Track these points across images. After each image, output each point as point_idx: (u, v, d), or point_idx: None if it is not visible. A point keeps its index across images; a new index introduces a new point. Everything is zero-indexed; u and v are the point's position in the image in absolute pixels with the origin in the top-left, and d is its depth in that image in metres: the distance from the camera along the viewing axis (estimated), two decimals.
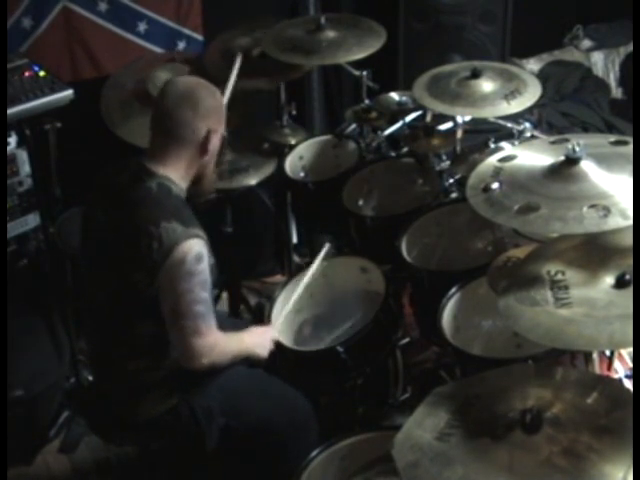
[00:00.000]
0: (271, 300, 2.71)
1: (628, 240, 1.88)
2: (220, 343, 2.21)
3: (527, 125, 2.91)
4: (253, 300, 3.53)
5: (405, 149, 3.20)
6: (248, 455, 2.41)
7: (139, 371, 2.24)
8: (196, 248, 2.12)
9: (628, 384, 2.20)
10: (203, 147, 2.23)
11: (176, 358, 2.22)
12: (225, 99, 2.75)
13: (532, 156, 2.14)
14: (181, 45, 3.74)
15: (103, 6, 3.52)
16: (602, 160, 2.00)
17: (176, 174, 2.23)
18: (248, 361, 2.36)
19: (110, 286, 2.23)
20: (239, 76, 3.08)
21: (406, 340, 2.75)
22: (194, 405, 2.27)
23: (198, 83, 2.30)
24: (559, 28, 4.90)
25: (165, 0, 3.65)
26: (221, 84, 3.21)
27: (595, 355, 2.16)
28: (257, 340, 2.38)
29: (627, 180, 1.93)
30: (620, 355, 2.40)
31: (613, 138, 2.15)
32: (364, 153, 3.18)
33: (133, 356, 2.24)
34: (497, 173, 2.10)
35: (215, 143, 2.26)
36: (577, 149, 1.99)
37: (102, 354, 2.37)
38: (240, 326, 2.57)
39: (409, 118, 3.25)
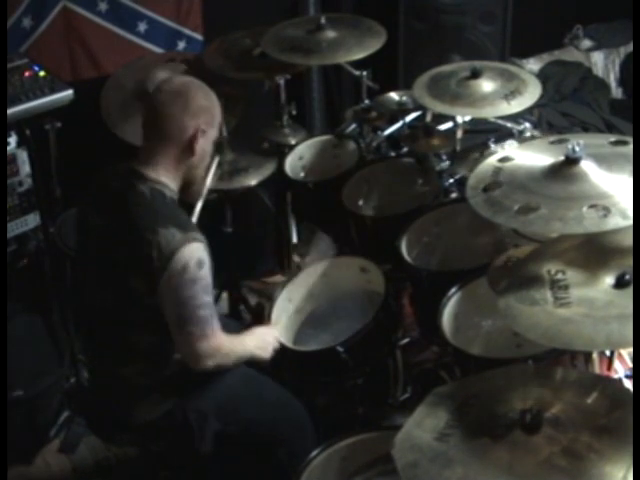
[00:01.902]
0: (271, 300, 2.71)
1: (628, 240, 1.88)
2: (225, 345, 2.21)
3: (527, 125, 2.91)
4: (253, 300, 3.53)
5: (405, 149, 3.20)
6: (244, 458, 2.41)
7: (135, 375, 2.24)
8: (197, 254, 2.10)
9: (628, 384, 2.20)
10: (189, 147, 2.19)
11: (176, 361, 2.22)
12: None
13: (532, 156, 2.13)
14: (181, 45, 3.75)
15: (103, 6, 3.52)
16: (602, 160, 1.99)
17: (166, 175, 2.20)
18: (252, 363, 2.35)
19: (109, 293, 2.22)
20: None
21: (406, 340, 2.76)
22: (188, 410, 2.26)
23: (192, 82, 2.28)
24: (559, 28, 4.91)
25: (165, 0, 3.66)
26: (221, 84, 3.23)
27: (595, 355, 2.16)
28: (258, 342, 2.38)
29: (627, 180, 1.93)
30: (620, 355, 2.40)
31: (613, 138, 2.15)
32: (364, 153, 3.18)
33: (129, 361, 2.23)
34: (497, 173, 2.10)
35: (204, 145, 2.22)
36: (577, 149, 1.98)
37: (98, 356, 2.37)
38: (233, 328, 2.57)
39: (409, 118, 3.25)
